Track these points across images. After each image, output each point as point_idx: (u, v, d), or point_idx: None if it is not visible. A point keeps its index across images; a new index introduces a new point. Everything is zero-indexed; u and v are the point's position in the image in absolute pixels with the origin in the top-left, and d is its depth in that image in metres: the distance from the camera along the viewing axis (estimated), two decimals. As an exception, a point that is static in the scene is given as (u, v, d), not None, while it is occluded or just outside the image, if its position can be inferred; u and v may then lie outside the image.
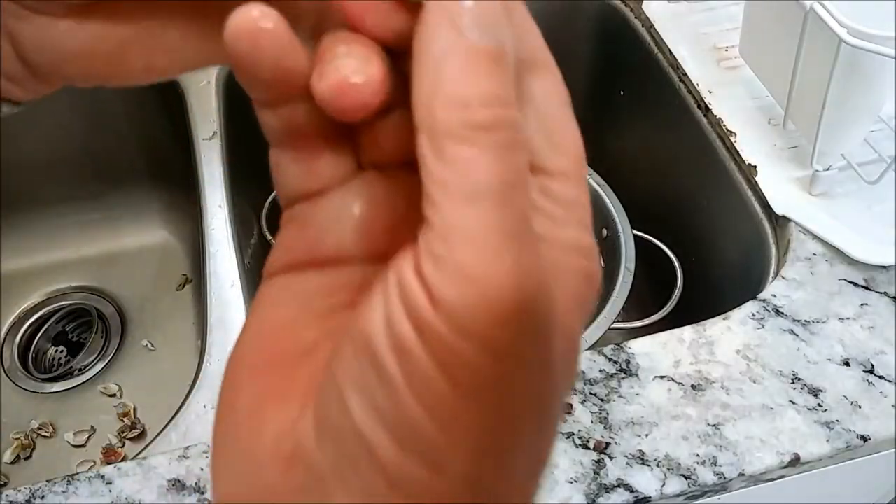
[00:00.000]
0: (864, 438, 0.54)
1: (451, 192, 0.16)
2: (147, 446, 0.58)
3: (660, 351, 0.59)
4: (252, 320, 0.20)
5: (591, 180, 0.81)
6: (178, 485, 0.53)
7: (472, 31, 0.16)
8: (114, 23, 0.22)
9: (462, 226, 0.16)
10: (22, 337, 0.85)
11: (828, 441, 0.54)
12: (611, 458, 0.54)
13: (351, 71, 0.17)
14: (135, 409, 0.79)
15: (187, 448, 0.55)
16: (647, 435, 0.55)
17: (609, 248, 0.78)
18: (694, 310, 0.69)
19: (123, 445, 0.76)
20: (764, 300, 0.62)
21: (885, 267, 0.63)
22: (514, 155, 0.16)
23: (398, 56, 0.18)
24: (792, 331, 0.60)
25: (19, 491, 0.53)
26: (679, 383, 0.57)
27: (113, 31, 0.22)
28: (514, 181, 0.16)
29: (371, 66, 0.18)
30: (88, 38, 0.22)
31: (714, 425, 0.55)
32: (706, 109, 0.77)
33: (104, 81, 0.23)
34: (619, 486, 0.53)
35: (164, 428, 0.59)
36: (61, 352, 0.86)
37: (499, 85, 0.16)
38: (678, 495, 0.53)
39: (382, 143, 0.20)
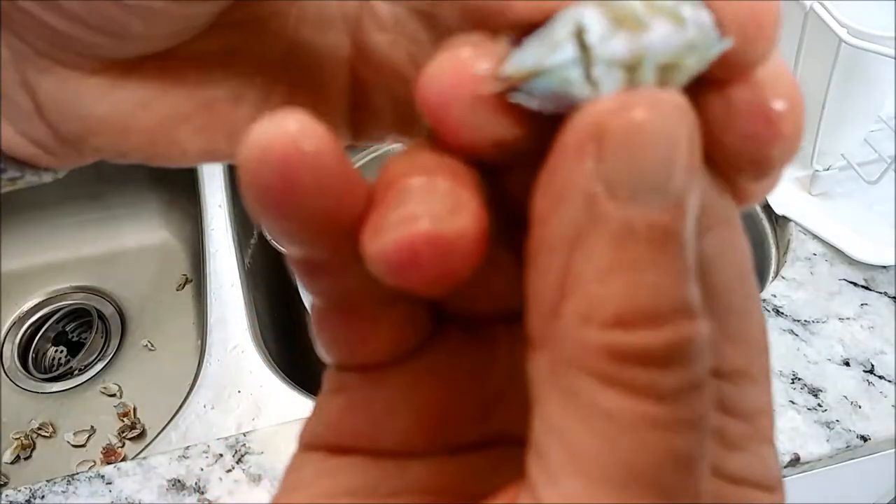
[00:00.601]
0: (864, 438, 0.54)
1: (587, 467, 0.10)
2: (147, 446, 0.59)
3: (660, 351, 0.59)
4: None
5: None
6: (177, 485, 0.53)
7: (636, 195, 0.09)
8: (163, 87, 0.16)
9: None
10: (22, 337, 0.85)
11: (828, 441, 0.54)
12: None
13: (431, 221, 0.10)
14: (135, 409, 0.79)
15: (187, 448, 0.55)
16: (647, 435, 0.55)
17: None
18: (694, 310, 0.69)
19: (123, 445, 0.76)
20: (764, 300, 0.62)
21: (885, 267, 0.63)
22: (698, 405, 0.10)
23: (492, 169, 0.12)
24: (792, 331, 0.60)
25: (19, 491, 0.53)
26: (679, 383, 0.57)
27: (160, 99, 0.16)
28: (697, 454, 0.10)
29: (465, 211, 0.11)
30: (125, 104, 0.16)
31: (714, 425, 0.55)
32: (706, 109, 0.77)
33: (144, 160, 0.17)
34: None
35: (164, 428, 0.59)
36: (61, 352, 0.86)
37: (674, 280, 0.10)
38: (678, 495, 0.53)
39: (467, 292, 0.13)
